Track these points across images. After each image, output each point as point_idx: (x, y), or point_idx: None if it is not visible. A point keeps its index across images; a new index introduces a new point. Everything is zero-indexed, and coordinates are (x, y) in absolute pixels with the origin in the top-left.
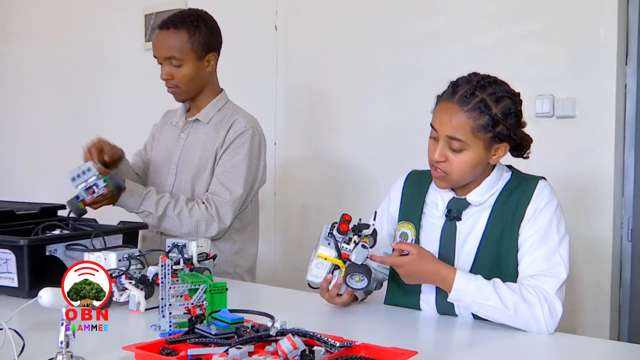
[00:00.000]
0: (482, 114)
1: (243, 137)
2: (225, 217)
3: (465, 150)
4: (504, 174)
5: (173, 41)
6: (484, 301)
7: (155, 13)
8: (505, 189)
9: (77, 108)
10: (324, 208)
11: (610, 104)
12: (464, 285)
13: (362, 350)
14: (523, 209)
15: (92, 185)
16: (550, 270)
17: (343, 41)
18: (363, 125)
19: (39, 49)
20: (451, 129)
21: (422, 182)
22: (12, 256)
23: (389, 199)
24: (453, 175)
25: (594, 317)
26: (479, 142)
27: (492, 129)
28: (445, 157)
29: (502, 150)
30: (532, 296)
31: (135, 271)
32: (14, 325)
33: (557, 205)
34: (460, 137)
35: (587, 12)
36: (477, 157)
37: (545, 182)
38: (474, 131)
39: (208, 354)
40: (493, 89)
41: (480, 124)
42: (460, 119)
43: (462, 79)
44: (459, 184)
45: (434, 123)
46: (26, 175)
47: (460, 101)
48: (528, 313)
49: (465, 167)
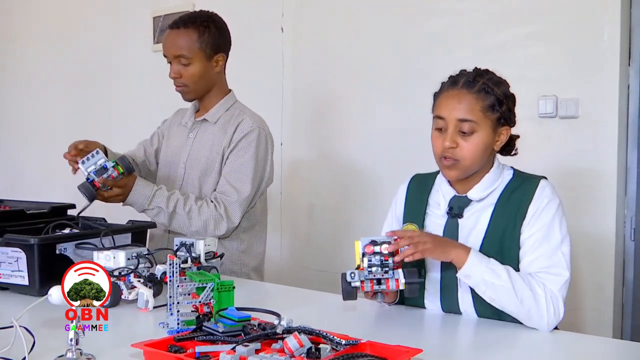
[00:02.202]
0: (488, 94)
1: (250, 137)
2: (234, 217)
3: (475, 132)
4: (504, 172)
5: (182, 40)
6: (495, 279)
7: (164, 15)
8: (507, 188)
9: (86, 109)
10: (330, 207)
11: (613, 104)
12: (477, 262)
13: (367, 348)
14: (525, 207)
15: (102, 167)
16: (552, 268)
17: (349, 43)
18: (368, 125)
19: (49, 51)
20: (461, 111)
21: (425, 184)
22: (23, 255)
23: (395, 202)
24: (464, 161)
25: (596, 316)
26: (488, 122)
27: (499, 108)
28: (456, 142)
29: (504, 135)
30: (540, 288)
31: (143, 269)
32: (24, 322)
33: (559, 205)
34: (472, 118)
35: (591, 13)
36: (486, 138)
37: (547, 181)
38: (483, 110)
39: (215, 352)
40: (490, 75)
41: (488, 103)
42: (470, 101)
43: (458, 73)
44: (469, 171)
45: (441, 112)
46: (38, 176)
47: (466, 86)
48: (534, 304)
49: (476, 150)
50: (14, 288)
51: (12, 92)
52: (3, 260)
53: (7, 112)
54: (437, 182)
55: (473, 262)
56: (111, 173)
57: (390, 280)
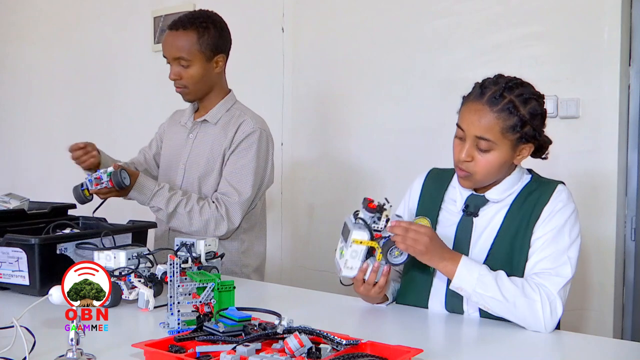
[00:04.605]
0: (511, 115)
1: (251, 138)
2: (235, 218)
3: (492, 150)
4: (524, 175)
5: (182, 42)
6: (484, 292)
7: (164, 15)
8: (524, 190)
9: (87, 109)
10: (331, 207)
11: (613, 104)
12: (466, 274)
13: (367, 348)
14: (540, 209)
15: (99, 176)
16: (555, 269)
17: (349, 43)
18: (369, 125)
19: (49, 51)
20: (480, 129)
21: (443, 179)
22: (24, 255)
23: (410, 194)
24: (478, 175)
25: (597, 316)
26: (506, 142)
27: (520, 130)
28: (472, 157)
29: (526, 151)
30: (534, 292)
31: (144, 269)
32: (25, 322)
33: (573, 210)
34: (489, 137)
35: (591, 13)
36: (503, 157)
37: (564, 186)
38: (502, 132)
39: (216, 352)
40: (520, 91)
41: (509, 124)
42: (490, 120)
43: (489, 81)
44: (483, 184)
45: (462, 123)
46: (38, 176)
47: (490, 102)
48: (527, 308)
49: (491, 167)
50: (14, 288)
51: (13, 92)
52: (4, 260)
53: (7, 112)
54: (455, 179)
55: (462, 274)
56: (105, 185)
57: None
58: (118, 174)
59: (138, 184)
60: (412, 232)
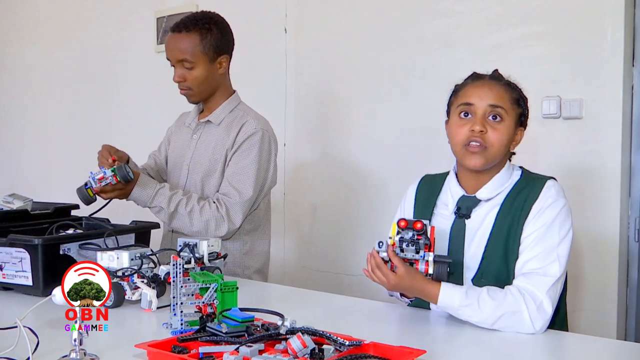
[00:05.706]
0: (514, 90)
1: (253, 138)
2: (235, 218)
3: (504, 120)
4: (514, 172)
5: (185, 44)
6: (467, 318)
7: (167, 16)
8: (514, 188)
9: (89, 110)
10: (333, 208)
11: (616, 104)
12: (449, 301)
13: (370, 349)
14: (529, 206)
15: (102, 173)
16: (544, 268)
17: (352, 43)
18: (372, 126)
19: (50, 51)
20: (493, 98)
21: (435, 184)
22: (27, 255)
23: (404, 202)
24: (492, 147)
25: (600, 317)
26: (513, 115)
27: (523, 105)
28: (486, 128)
29: (519, 136)
30: (516, 301)
31: (147, 270)
32: (28, 323)
33: (563, 206)
34: (503, 105)
35: (594, 13)
36: (511, 131)
37: (554, 182)
38: (511, 102)
39: (219, 352)
40: (507, 80)
41: (515, 96)
42: (500, 90)
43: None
44: (493, 161)
45: (469, 99)
46: (39, 177)
47: (494, 78)
48: (509, 321)
49: (503, 138)
50: (18, 288)
51: (13, 92)
52: (7, 261)
53: (8, 112)
54: (447, 182)
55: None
56: (110, 181)
57: (420, 262)
58: (123, 168)
59: (141, 181)
60: (378, 273)
